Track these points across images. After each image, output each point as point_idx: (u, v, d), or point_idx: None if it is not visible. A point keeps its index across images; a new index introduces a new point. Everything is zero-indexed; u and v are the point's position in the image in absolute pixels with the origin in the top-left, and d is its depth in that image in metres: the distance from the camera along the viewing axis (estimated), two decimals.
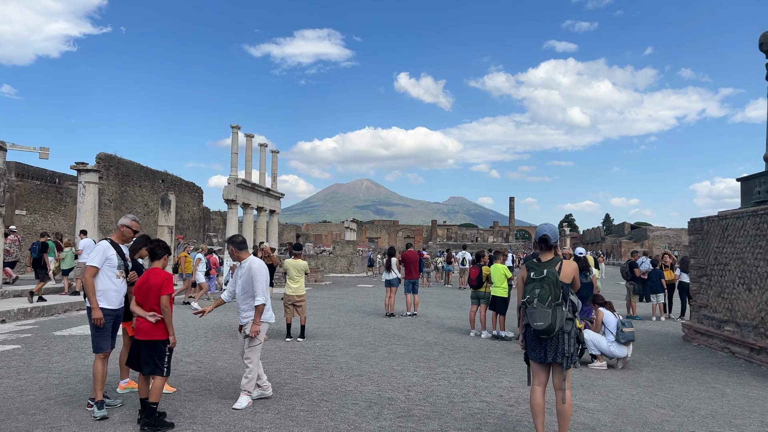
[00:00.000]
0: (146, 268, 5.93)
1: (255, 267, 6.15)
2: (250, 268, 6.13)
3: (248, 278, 6.12)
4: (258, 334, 6.13)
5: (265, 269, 6.21)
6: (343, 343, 10.25)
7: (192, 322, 12.66)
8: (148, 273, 5.61)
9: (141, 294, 5.53)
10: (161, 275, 5.53)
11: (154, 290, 5.45)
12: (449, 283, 27.70)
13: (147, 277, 5.57)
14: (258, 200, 36.04)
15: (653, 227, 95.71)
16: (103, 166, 30.90)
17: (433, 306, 17.33)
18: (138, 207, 34.28)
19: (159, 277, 5.51)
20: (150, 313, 5.41)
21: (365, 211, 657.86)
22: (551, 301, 4.57)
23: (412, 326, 12.62)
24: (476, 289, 11.34)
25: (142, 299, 5.51)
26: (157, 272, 5.57)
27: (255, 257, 6.33)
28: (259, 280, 6.08)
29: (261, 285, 6.09)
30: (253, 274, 6.13)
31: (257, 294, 6.08)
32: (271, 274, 10.68)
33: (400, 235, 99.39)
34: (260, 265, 6.18)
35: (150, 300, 5.46)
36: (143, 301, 5.50)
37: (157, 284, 5.45)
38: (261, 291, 6.08)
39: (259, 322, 6.13)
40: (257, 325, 6.12)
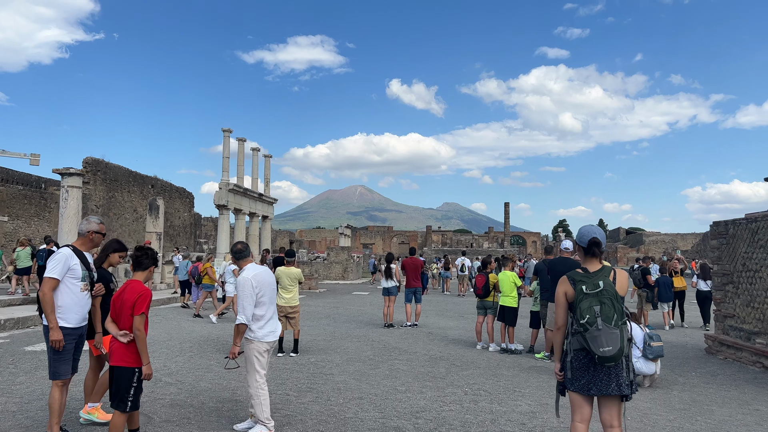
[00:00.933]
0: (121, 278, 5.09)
1: (239, 279, 5.35)
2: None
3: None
4: (236, 356, 5.34)
5: (252, 281, 5.31)
6: (340, 358, 9.40)
7: (177, 334, 11.77)
8: (126, 285, 4.77)
9: (115, 309, 4.69)
10: (137, 290, 4.69)
11: (126, 307, 4.62)
12: (447, 291, 26.88)
13: (123, 289, 4.74)
14: (250, 205, 35.16)
15: (649, 232, 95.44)
16: (90, 170, 29.99)
17: (433, 315, 16.49)
18: (127, 213, 33.34)
19: (133, 291, 4.67)
20: (121, 332, 4.58)
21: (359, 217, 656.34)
22: (617, 320, 3.75)
23: (414, 338, 11.79)
24: (483, 298, 10.51)
25: (116, 315, 4.68)
26: (134, 286, 4.73)
27: (255, 266, 5.48)
28: (239, 296, 5.27)
29: (241, 301, 5.25)
30: (236, 287, 5.35)
31: (238, 312, 5.28)
32: None
33: (394, 241, 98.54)
34: (242, 278, 5.33)
35: (122, 318, 4.63)
36: (117, 317, 4.67)
37: (130, 300, 4.61)
38: (240, 308, 5.25)
39: (239, 343, 5.33)
40: (236, 347, 5.32)
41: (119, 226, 32.60)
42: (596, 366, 3.82)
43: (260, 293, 5.33)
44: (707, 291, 13.38)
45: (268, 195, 38.53)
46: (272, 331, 5.46)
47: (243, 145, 35.06)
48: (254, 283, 5.28)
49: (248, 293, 5.24)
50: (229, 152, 32.99)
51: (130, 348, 4.61)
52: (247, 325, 5.24)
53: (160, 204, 25.21)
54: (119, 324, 4.64)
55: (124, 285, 4.79)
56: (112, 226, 31.88)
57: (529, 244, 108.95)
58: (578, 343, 3.87)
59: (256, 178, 37.21)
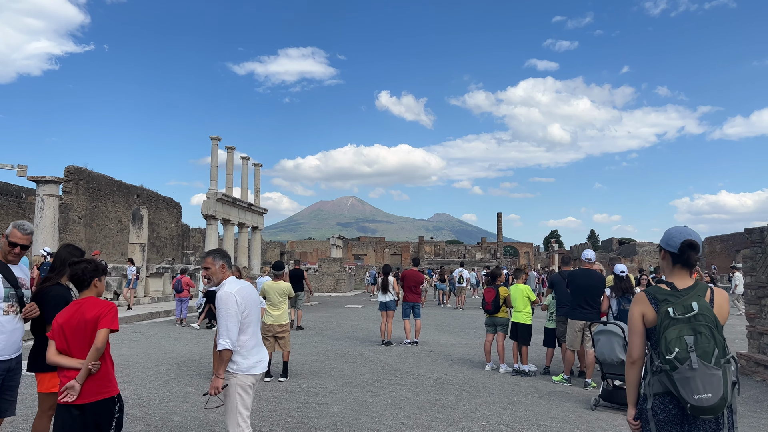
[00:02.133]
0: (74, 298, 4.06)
1: (219, 295, 4.25)
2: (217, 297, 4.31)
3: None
4: (219, 392, 4.18)
5: (236, 297, 4.23)
6: (335, 383, 8.37)
7: (155, 354, 10.68)
8: (79, 304, 3.74)
9: (66, 336, 3.65)
10: (99, 305, 3.70)
11: (90, 328, 3.62)
12: (444, 303, 25.87)
13: (76, 310, 3.70)
14: (239, 216, 34.09)
15: (642, 243, 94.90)
16: (72, 180, 28.84)
17: (432, 331, 15.48)
18: (111, 224, 32.15)
19: (96, 307, 3.68)
20: (92, 363, 3.55)
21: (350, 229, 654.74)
22: (718, 357, 2.72)
23: (415, 358, 10.77)
24: (492, 314, 9.52)
25: (69, 344, 3.64)
26: (92, 302, 3.74)
27: (234, 279, 4.37)
28: (222, 315, 4.17)
29: (225, 322, 4.16)
30: (216, 305, 4.25)
31: (220, 335, 4.16)
32: None
33: (386, 252, 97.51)
34: (225, 294, 4.23)
35: (77, 345, 3.61)
36: (71, 346, 3.63)
37: (93, 318, 3.60)
38: (225, 330, 4.15)
39: (223, 374, 4.20)
40: (218, 378, 4.15)
41: (103, 237, 31.41)
42: (688, 419, 2.81)
43: (245, 313, 4.26)
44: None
45: (257, 205, 37.47)
46: (259, 362, 4.36)
47: (232, 154, 34.05)
48: (239, 300, 4.23)
49: (233, 312, 4.16)
50: (217, 161, 31.97)
51: (104, 374, 3.67)
52: (232, 351, 4.20)
53: (143, 214, 24.12)
54: (76, 353, 3.63)
55: (75, 305, 3.76)
56: (95, 237, 30.68)
57: (522, 255, 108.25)
58: (662, 386, 2.85)
59: (246, 187, 36.19)
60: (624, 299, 8.02)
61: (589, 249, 8.42)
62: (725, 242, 62.09)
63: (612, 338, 6.88)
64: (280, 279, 8.69)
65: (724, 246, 61.49)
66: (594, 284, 8.14)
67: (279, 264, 8.75)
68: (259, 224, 38.39)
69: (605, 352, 6.92)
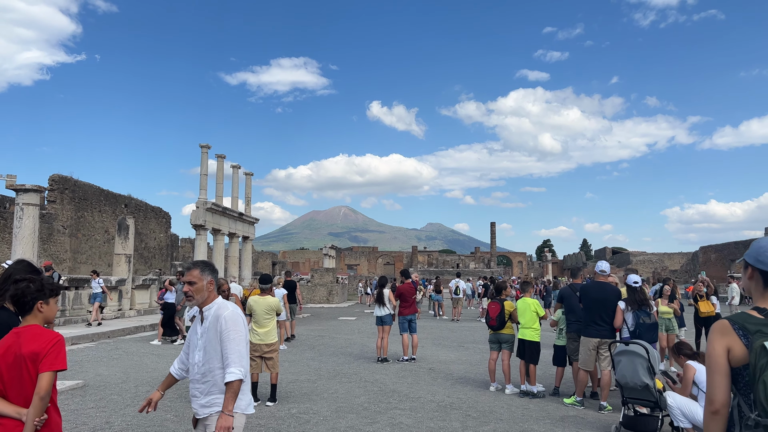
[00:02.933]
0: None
1: (227, 316, 3.45)
2: (217, 318, 3.48)
3: (214, 336, 3.46)
4: None
5: (242, 319, 3.53)
6: (327, 407, 7.67)
7: (135, 374, 9.92)
8: (18, 335, 3.02)
9: (1, 375, 2.94)
10: (41, 337, 2.98)
11: (29, 366, 2.91)
12: (440, 315, 25.16)
13: (13, 342, 2.99)
14: (230, 225, 33.34)
15: (635, 252, 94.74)
16: (56, 189, 28.05)
17: (430, 345, 14.78)
18: (97, 234, 31.31)
19: (36, 340, 2.96)
20: (37, 419, 2.85)
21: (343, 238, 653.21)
22: None
23: (414, 377, 10.07)
24: (497, 330, 8.84)
25: (5, 384, 2.93)
26: (33, 333, 3.01)
27: (225, 301, 3.61)
28: (233, 339, 3.41)
29: (237, 347, 3.41)
30: (222, 328, 3.43)
31: (230, 362, 3.38)
32: None
33: (379, 262, 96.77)
34: (234, 314, 3.49)
35: (24, 385, 2.91)
36: (7, 388, 2.93)
37: (32, 354, 2.90)
38: (237, 357, 3.40)
39: (232, 411, 3.36)
40: (228, 416, 3.31)
41: (89, 248, 30.56)
42: None
43: None
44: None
45: (249, 214, 36.74)
46: (251, 400, 3.61)
47: (222, 163, 33.36)
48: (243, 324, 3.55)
49: (244, 335, 3.49)
50: (207, 170, 31.27)
51: (50, 428, 2.96)
52: (243, 380, 3.43)
53: (129, 224, 23.38)
54: (13, 397, 2.93)
55: (9, 337, 3.04)
56: (80, 248, 29.85)
57: (515, 265, 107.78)
58: None
59: (236, 197, 35.46)
60: (642, 312, 7.37)
61: (605, 261, 7.74)
62: (720, 251, 61.83)
63: (635, 360, 6.23)
64: (267, 293, 7.99)
65: (719, 255, 61.21)
66: (609, 298, 7.50)
67: (266, 277, 8.06)
68: (250, 234, 37.65)
69: (627, 375, 6.27)
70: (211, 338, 3.47)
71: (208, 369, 3.46)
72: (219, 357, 3.44)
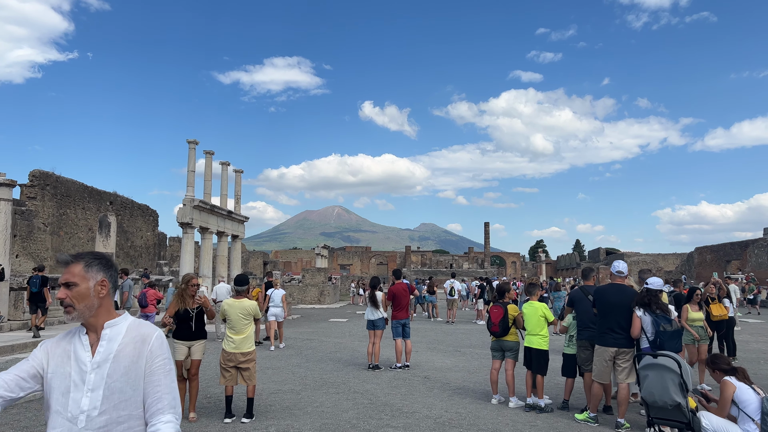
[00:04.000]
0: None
1: (157, 339, 2.29)
2: (143, 341, 2.27)
3: (132, 367, 2.23)
4: None
5: (164, 343, 2.32)
6: (311, 425, 6.80)
7: None
8: None
9: None
10: None
11: None
12: (434, 317, 24.32)
13: None
14: (218, 224, 32.36)
15: (629, 253, 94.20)
16: (37, 184, 27.03)
17: (424, 350, 13.93)
18: (80, 232, 30.28)
19: None
20: None
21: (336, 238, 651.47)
22: None
23: (408, 387, 9.21)
24: (500, 337, 8.00)
25: None
26: None
27: (135, 320, 2.36)
28: (169, 372, 2.28)
29: (173, 384, 2.28)
30: (153, 354, 2.26)
31: (164, 407, 2.22)
32: (200, 316, 7.25)
33: (372, 262, 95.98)
34: (163, 335, 2.33)
35: None
36: None
37: None
38: (173, 399, 2.25)
39: None
40: None
41: (71, 247, 29.53)
42: None
43: None
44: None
45: (238, 213, 35.77)
46: None
47: (211, 159, 32.40)
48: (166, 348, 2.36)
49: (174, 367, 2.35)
50: (194, 166, 30.31)
51: None
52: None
53: (111, 221, 22.39)
54: None
55: None
56: (63, 246, 28.82)
57: (509, 265, 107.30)
58: None
59: (225, 194, 34.50)
60: (662, 319, 6.54)
61: (622, 261, 6.90)
62: (715, 252, 61.29)
63: (664, 374, 5.40)
64: (243, 296, 7.11)
65: (715, 256, 60.67)
66: (628, 303, 6.66)
67: (242, 278, 7.17)
68: (240, 233, 36.67)
69: (656, 393, 5.43)
70: (122, 372, 2.20)
71: (114, 420, 2.18)
72: (138, 401, 2.22)
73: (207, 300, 7.19)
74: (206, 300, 7.15)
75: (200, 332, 7.17)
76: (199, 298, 7.16)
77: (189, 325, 7.06)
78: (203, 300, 7.14)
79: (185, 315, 7.07)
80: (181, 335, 7.10)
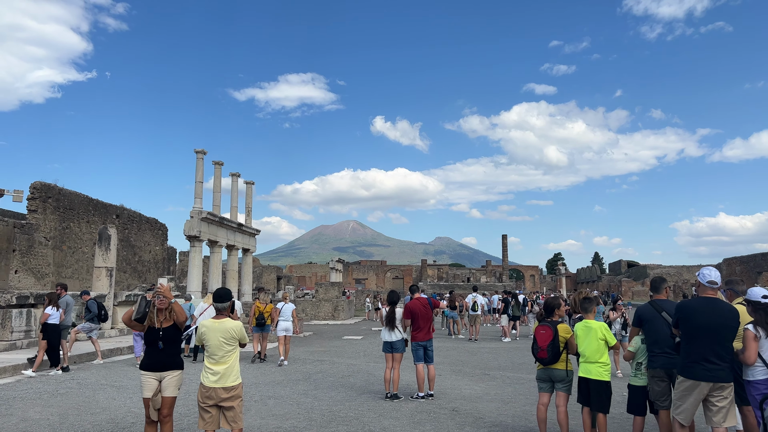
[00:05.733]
0: None
1: None
2: None
3: None
4: None
5: None
6: None
7: (75, 417, 7.57)
8: None
9: None
10: None
11: None
12: (456, 333, 22.72)
13: None
14: (228, 237, 31.06)
15: (652, 265, 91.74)
16: (38, 197, 25.92)
17: (448, 373, 12.39)
18: (85, 246, 29.14)
19: None
20: None
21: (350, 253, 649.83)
22: None
23: (434, 423, 7.68)
24: (548, 365, 6.46)
25: None
26: None
27: None
28: None
29: None
30: None
31: None
32: (175, 337, 5.78)
33: (388, 276, 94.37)
34: None
35: None
36: None
37: None
38: None
39: None
40: None
41: (75, 262, 28.38)
42: None
43: None
44: None
45: (249, 225, 34.45)
46: None
47: (220, 170, 31.17)
48: None
49: None
50: (202, 177, 29.09)
51: None
52: None
53: (111, 233, 21.17)
54: None
55: None
56: (66, 261, 27.67)
57: (527, 278, 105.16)
58: None
59: (236, 206, 33.27)
60: None
61: (712, 268, 5.33)
62: (745, 263, 58.99)
63: None
64: (224, 315, 5.62)
65: (744, 268, 58.37)
66: (726, 324, 5.13)
67: (222, 293, 5.64)
68: (251, 246, 35.34)
69: None
70: None
71: None
72: None
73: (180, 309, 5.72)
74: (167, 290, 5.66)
75: (173, 359, 5.71)
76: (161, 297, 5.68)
77: (158, 350, 5.62)
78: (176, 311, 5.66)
79: (152, 335, 5.63)
80: (150, 363, 5.65)
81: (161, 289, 5.64)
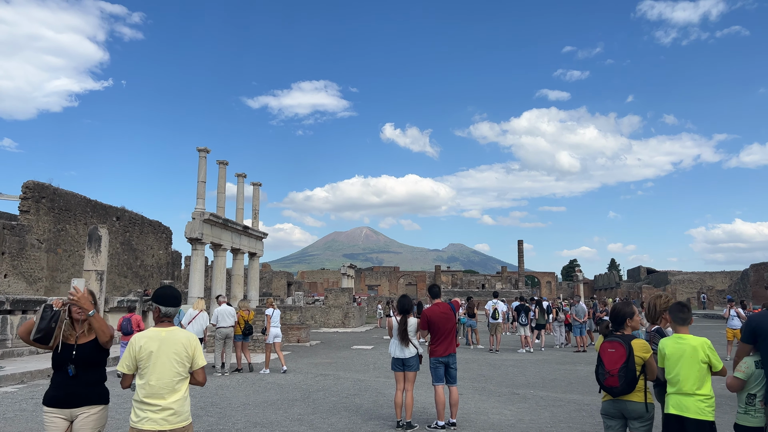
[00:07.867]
0: None
1: None
2: None
3: None
4: None
5: None
6: None
7: None
8: None
9: None
10: None
11: None
12: (474, 343, 20.94)
13: None
14: (233, 240, 29.48)
15: (673, 271, 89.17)
16: (31, 197, 24.52)
17: (470, 390, 10.65)
18: (81, 249, 27.68)
19: None
20: None
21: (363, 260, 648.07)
22: None
23: None
24: (619, 395, 4.72)
25: None
26: None
27: None
28: None
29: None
30: None
31: None
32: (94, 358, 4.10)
33: (401, 282, 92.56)
34: None
35: None
36: None
37: None
38: None
39: None
40: None
41: (71, 265, 26.95)
42: None
43: None
44: None
45: (255, 228, 32.84)
46: None
47: (224, 170, 29.62)
48: None
49: None
50: (205, 176, 27.54)
51: None
52: None
53: (102, 234, 19.61)
54: None
55: None
56: (60, 265, 26.25)
57: (543, 285, 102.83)
58: None
59: (241, 208, 31.67)
60: None
61: None
62: None
63: None
64: (165, 325, 3.91)
65: None
66: None
67: (168, 293, 3.90)
68: (258, 250, 33.72)
69: None
70: None
71: None
72: None
73: (85, 299, 4.00)
74: (84, 298, 3.97)
75: (92, 389, 4.04)
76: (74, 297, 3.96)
77: (68, 377, 3.97)
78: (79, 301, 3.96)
79: (63, 355, 3.99)
80: (56, 396, 4.00)
81: (76, 295, 3.94)
